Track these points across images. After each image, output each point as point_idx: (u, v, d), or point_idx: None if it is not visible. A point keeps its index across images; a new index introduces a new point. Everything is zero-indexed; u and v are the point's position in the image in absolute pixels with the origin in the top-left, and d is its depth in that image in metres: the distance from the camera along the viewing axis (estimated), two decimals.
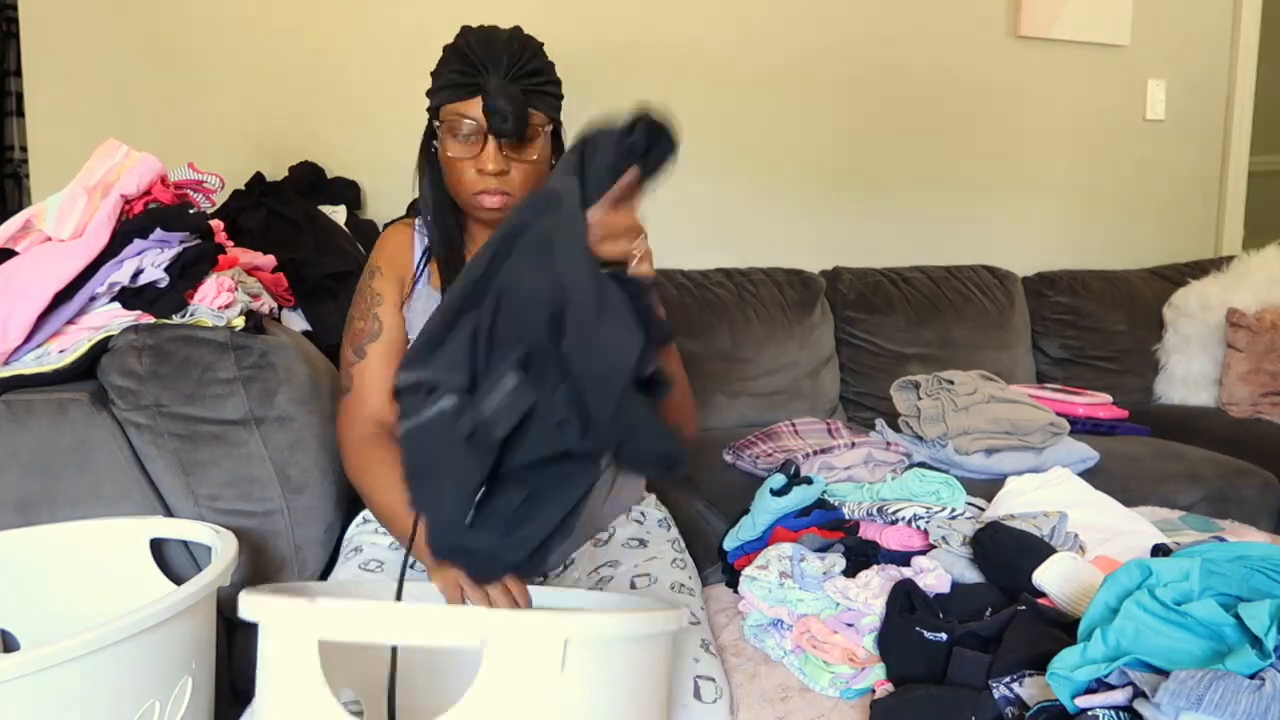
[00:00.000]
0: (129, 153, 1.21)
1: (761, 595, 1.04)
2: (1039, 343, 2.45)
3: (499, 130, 1.01)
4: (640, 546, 1.15)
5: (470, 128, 1.03)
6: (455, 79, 1.03)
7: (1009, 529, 1.01)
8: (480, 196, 1.06)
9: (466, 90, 1.02)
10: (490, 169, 1.04)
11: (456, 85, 1.03)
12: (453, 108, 1.04)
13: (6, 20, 2.67)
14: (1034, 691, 0.76)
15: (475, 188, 1.06)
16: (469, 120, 1.03)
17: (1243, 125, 2.90)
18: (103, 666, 0.80)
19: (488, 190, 1.05)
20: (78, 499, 1.08)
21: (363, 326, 1.13)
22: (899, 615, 0.91)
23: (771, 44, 2.33)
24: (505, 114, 0.99)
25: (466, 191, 1.07)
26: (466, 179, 1.06)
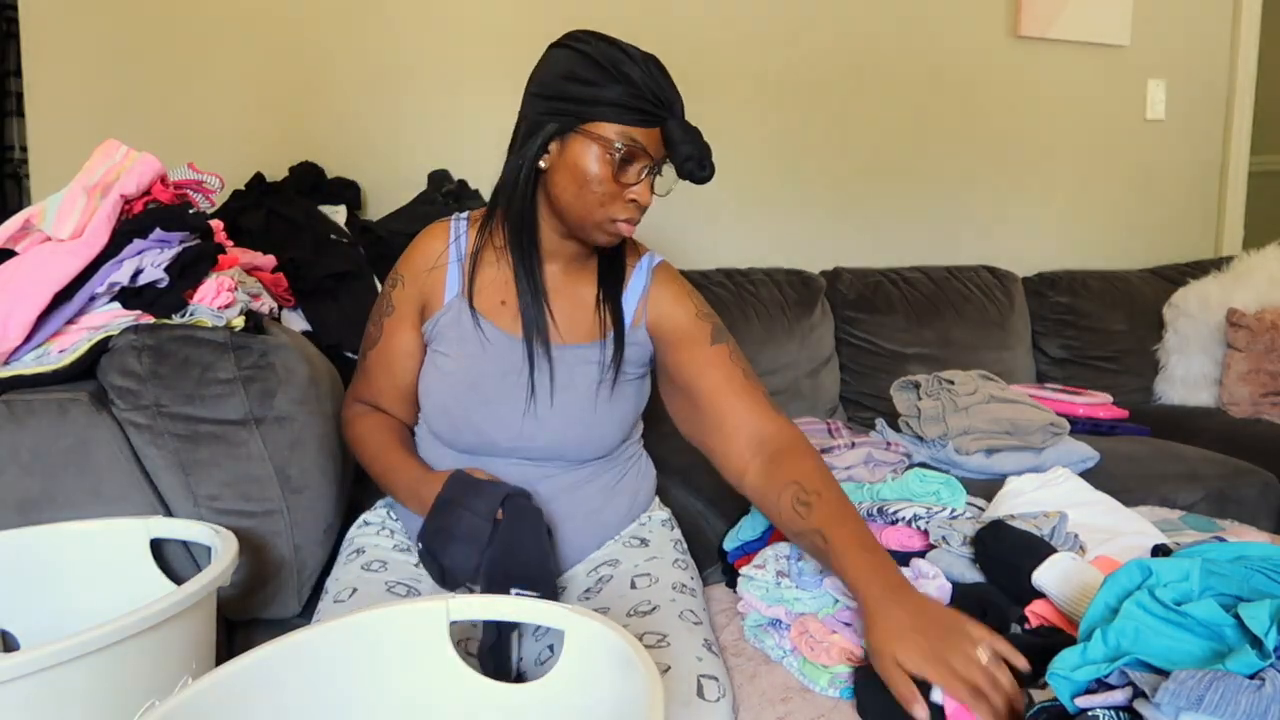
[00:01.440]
0: (129, 153, 1.21)
1: (759, 595, 1.04)
2: (1039, 343, 2.45)
3: (692, 176, 0.98)
4: (642, 546, 1.15)
5: (640, 156, 0.98)
6: (635, 104, 0.95)
7: (1010, 528, 1.02)
8: (620, 224, 1.01)
9: (649, 119, 0.97)
10: (646, 202, 1.00)
11: (637, 110, 0.96)
12: (627, 131, 0.96)
13: (6, 20, 2.67)
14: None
15: (620, 215, 1.00)
16: (642, 148, 0.97)
17: (1243, 125, 2.90)
18: (103, 666, 0.80)
19: (631, 219, 1.01)
20: (78, 499, 1.08)
21: (371, 332, 1.17)
22: None
23: (771, 44, 2.34)
24: (704, 163, 0.97)
25: (603, 215, 1.00)
26: (613, 205, 0.99)
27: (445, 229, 1.14)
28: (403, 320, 1.13)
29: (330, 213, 1.80)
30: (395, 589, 1.04)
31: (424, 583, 1.07)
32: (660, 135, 0.98)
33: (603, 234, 1.03)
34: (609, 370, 1.10)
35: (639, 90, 0.95)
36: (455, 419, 1.09)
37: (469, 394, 1.08)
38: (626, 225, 1.02)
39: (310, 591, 1.22)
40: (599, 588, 1.08)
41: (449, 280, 1.11)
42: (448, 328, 1.10)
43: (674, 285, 1.16)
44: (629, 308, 1.14)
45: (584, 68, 0.97)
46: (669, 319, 1.13)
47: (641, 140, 0.97)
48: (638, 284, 1.15)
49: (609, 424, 1.11)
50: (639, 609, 1.01)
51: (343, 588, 1.05)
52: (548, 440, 1.09)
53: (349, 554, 1.13)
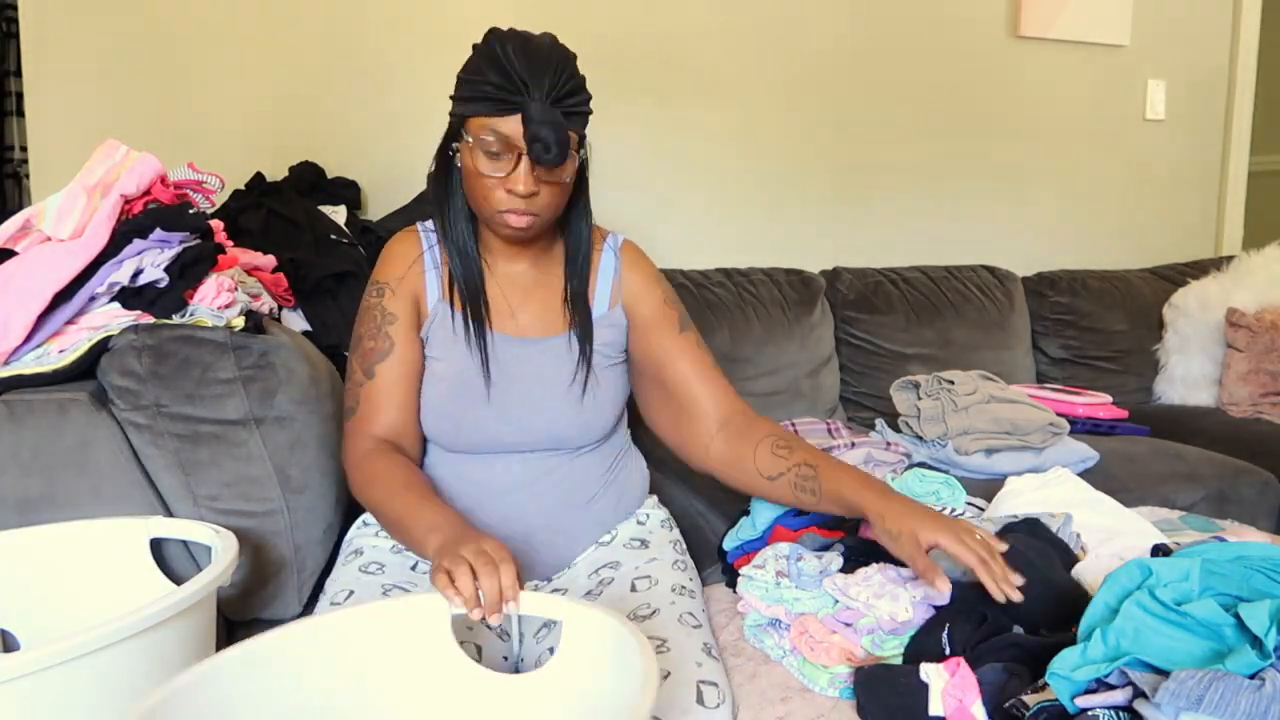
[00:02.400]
0: (128, 153, 1.21)
1: (759, 595, 1.04)
2: (1039, 343, 2.45)
3: (539, 159, 0.96)
4: (642, 547, 1.14)
5: (503, 145, 0.98)
6: (492, 93, 0.96)
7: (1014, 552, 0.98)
8: (507, 215, 1.02)
9: (505, 107, 0.96)
10: (522, 191, 0.99)
11: (493, 100, 0.96)
12: (486, 122, 0.97)
13: (6, 20, 2.67)
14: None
15: (502, 206, 1.01)
16: (504, 138, 0.97)
17: (1243, 125, 2.90)
18: (103, 666, 0.80)
19: (515, 210, 1.01)
20: (78, 499, 1.08)
21: (373, 346, 1.09)
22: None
23: (772, 44, 2.34)
24: (549, 144, 0.95)
25: (491, 208, 1.02)
26: (494, 196, 1.01)
27: (415, 236, 1.15)
28: (408, 326, 1.10)
29: (330, 213, 1.80)
30: (390, 592, 1.04)
31: (420, 586, 1.06)
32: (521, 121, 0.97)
33: (499, 226, 1.04)
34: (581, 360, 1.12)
35: (496, 78, 0.96)
36: (458, 420, 1.09)
37: (465, 393, 1.09)
38: (514, 216, 1.01)
39: (311, 591, 1.22)
40: (600, 590, 1.08)
41: (428, 286, 1.12)
42: (436, 332, 1.11)
43: (643, 267, 1.19)
44: (602, 291, 1.17)
45: (468, 65, 1.00)
46: (641, 302, 1.17)
47: (506, 131, 0.97)
48: (607, 266, 1.18)
49: (597, 408, 1.13)
50: (638, 613, 1.01)
51: (340, 589, 1.04)
52: (545, 429, 1.10)
53: (348, 555, 1.13)
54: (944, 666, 0.82)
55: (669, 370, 1.15)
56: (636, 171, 2.26)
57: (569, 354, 1.13)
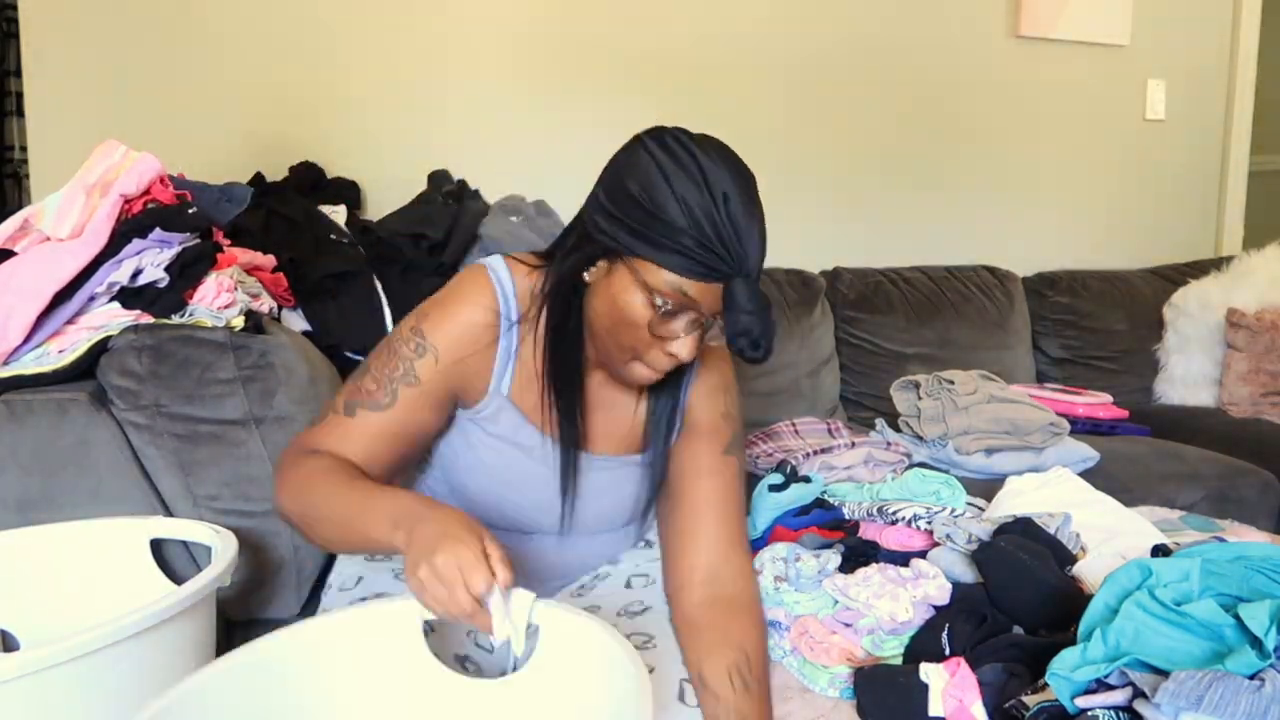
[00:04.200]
0: (127, 152, 1.21)
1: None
2: (1039, 343, 2.44)
3: (743, 353, 0.81)
4: (646, 547, 1.14)
5: (688, 310, 0.82)
6: (699, 254, 0.78)
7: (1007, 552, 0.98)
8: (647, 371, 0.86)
9: (710, 275, 0.79)
10: (686, 359, 0.84)
11: (699, 263, 0.79)
12: (678, 281, 0.79)
13: (6, 20, 2.67)
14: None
15: (654, 364, 0.85)
16: (692, 303, 0.81)
17: (1243, 125, 2.89)
18: (103, 666, 0.80)
19: (663, 370, 0.86)
20: (78, 499, 1.08)
21: (373, 390, 0.90)
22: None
23: (771, 44, 2.33)
24: (757, 341, 0.80)
25: (631, 355, 0.86)
26: (644, 351, 0.85)
27: (489, 292, 0.92)
28: (428, 399, 0.91)
29: (330, 213, 1.80)
30: (402, 576, 1.02)
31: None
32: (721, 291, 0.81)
33: (629, 377, 0.88)
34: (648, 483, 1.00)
35: (708, 239, 0.78)
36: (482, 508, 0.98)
37: (506, 492, 0.98)
38: (656, 375, 0.87)
39: (310, 591, 1.22)
40: (593, 584, 1.07)
41: (497, 368, 0.93)
42: (491, 421, 0.95)
43: (714, 377, 1.02)
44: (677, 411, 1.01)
45: (657, 196, 0.79)
46: (696, 408, 1.01)
47: (694, 294, 0.80)
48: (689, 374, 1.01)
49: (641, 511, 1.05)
50: (630, 609, 1.01)
51: (347, 577, 1.04)
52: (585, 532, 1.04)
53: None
54: (944, 667, 0.82)
55: (687, 484, 0.99)
56: None
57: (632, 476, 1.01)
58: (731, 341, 0.80)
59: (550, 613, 0.79)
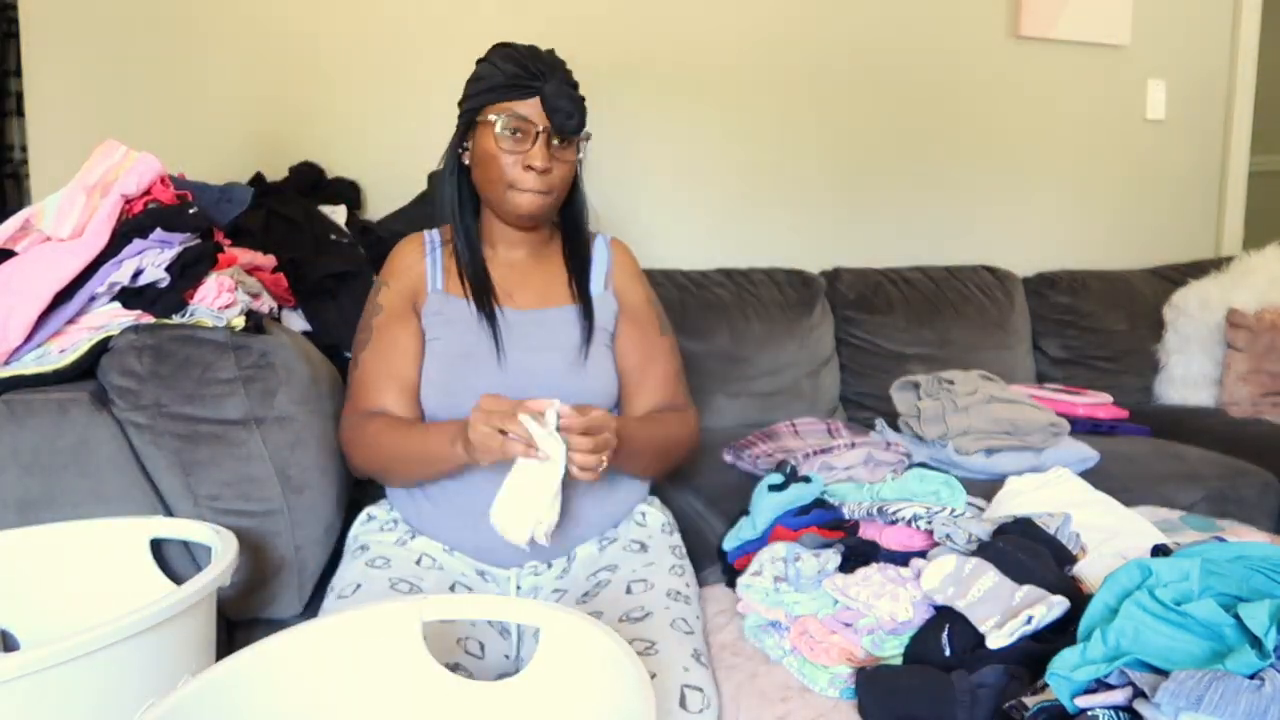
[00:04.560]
0: (127, 153, 1.21)
1: (758, 599, 1.04)
2: (1039, 343, 2.45)
3: (563, 127, 1.09)
4: (640, 550, 1.15)
5: (522, 125, 1.10)
6: (512, 80, 1.09)
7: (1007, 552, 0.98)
8: (523, 195, 1.13)
9: (524, 91, 1.09)
10: (539, 165, 1.10)
11: (512, 86, 1.09)
12: (506, 105, 1.10)
13: (6, 20, 2.67)
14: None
15: (520, 183, 1.12)
16: (523, 118, 1.10)
17: (1243, 125, 2.89)
18: (103, 666, 0.80)
19: (531, 188, 1.12)
20: (78, 499, 1.08)
21: (361, 338, 1.20)
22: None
23: (771, 44, 2.33)
24: (570, 112, 1.09)
25: (505, 186, 1.13)
26: (509, 174, 1.12)
27: (419, 238, 1.27)
28: (392, 316, 1.19)
29: (330, 213, 1.80)
30: (398, 585, 1.04)
31: (425, 580, 1.07)
32: (540, 103, 1.09)
33: (513, 206, 1.14)
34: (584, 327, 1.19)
35: (513, 69, 1.09)
36: (454, 391, 1.12)
37: (464, 363, 1.14)
38: (529, 196, 1.13)
39: (311, 591, 1.22)
40: (596, 592, 1.08)
41: (429, 274, 1.22)
42: (435, 314, 1.19)
43: (630, 261, 1.31)
44: (598, 275, 1.27)
45: (479, 70, 1.14)
46: (628, 293, 1.28)
47: (524, 112, 1.10)
48: (600, 254, 1.29)
49: (596, 374, 1.17)
50: (631, 615, 1.01)
51: (347, 584, 1.05)
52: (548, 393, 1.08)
53: (353, 550, 1.14)
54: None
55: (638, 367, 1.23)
56: (637, 172, 2.26)
57: (567, 325, 1.19)
58: (552, 121, 1.09)
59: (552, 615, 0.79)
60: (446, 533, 1.13)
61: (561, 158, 1.13)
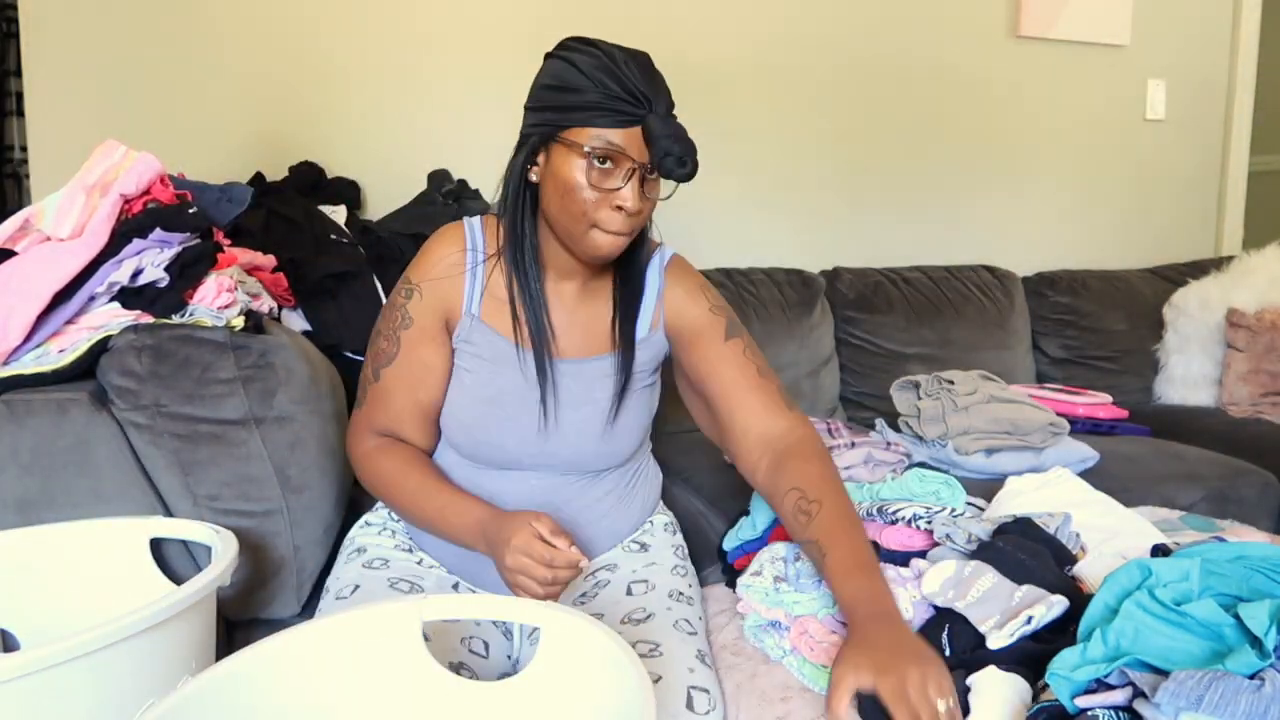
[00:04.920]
0: (127, 152, 1.21)
1: (758, 599, 1.04)
2: (1039, 343, 2.44)
3: (671, 173, 0.94)
4: (641, 551, 1.14)
5: (617, 157, 0.93)
6: (613, 104, 0.91)
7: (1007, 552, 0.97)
8: (604, 234, 0.96)
9: (625, 119, 0.92)
10: (632, 207, 0.94)
11: (612, 111, 0.92)
12: (601, 133, 0.92)
13: (6, 20, 2.66)
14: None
15: (606, 224, 0.95)
16: (619, 149, 0.92)
17: (1243, 125, 2.89)
18: (103, 666, 0.80)
19: (617, 230, 0.95)
20: (78, 499, 1.08)
21: (385, 347, 1.06)
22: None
23: (771, 44, 2.34)
24: (683, 158, 0.93)
25: (588, 225, 0.95)
26: (593, 212, 0.95)
27: (459, 234, 1.06)
28: (424, 333, 1.04)
29: (330, 213, 1.80)
30: (398, 585, 1.03)
31: (426, 580, 1.06)
32: (642, 135, 0.93)
33: (591, 247, 0.97)
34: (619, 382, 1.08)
35: (613, 91, 0.91)
36: (475, 435, 1.05)
37: (489, 409, 1.04)
38: (614, 236, 0.96)
39: (310, 591, 1.22)
40: (594, 592, 1.07)
41: (467, 291, 1.05)
42: (467, 342, 1.06)
43: (687, 281, 1.13)
44: (645, 312, 1.11)
45: (564, 75, 0.94)
46: (683, 317, 1.11)
47: (620, 142, 0.92)
48: (653, 287, 1.12)
49: (625, 433, 1.10)
50: (633, 616, 1.01)
51: (344, 585, 1.04)
52: (569, 454, 1.07)
53: (350, 553, 1.13)
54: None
55: (711, 381, 1.08)
56: None
57: (605, 376, 1.08)
58: (660, 165, 0.94)
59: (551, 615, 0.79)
60: (450, 560, 1.10)
61: (650, 195, 0.98)
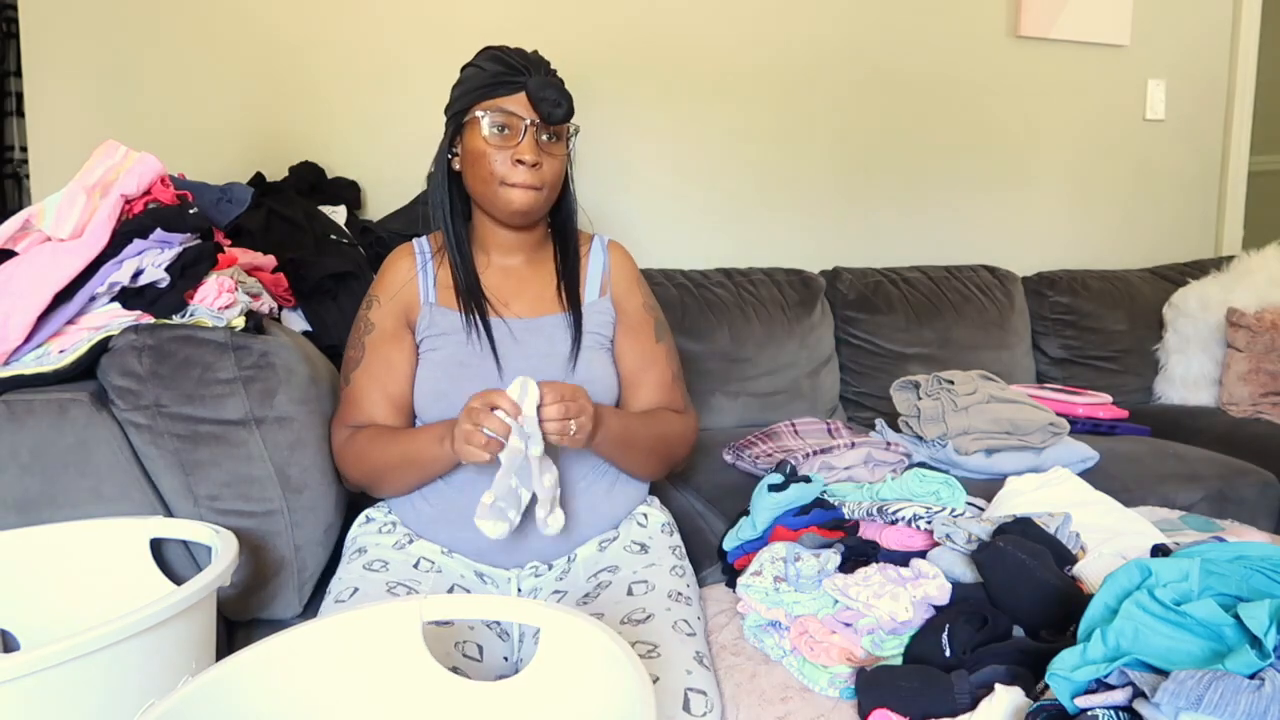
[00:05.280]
0: (128, 153, 1.21)
1: (758, 599, 1.04)
2: (1039, 343, 2.45)
3: (549, 115, 1.09)
4: (641, 551, 1.14)
5: (509, 120, 1.10)
6: (497, 78, 1.10)
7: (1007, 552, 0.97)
8: (514, 190, 1.11)
9: (510, 87, 1.10)
10: (529, 159, 1.10)
11: (498, 83, 1.10)
12: (494, 102, 1.10)
13: (6, 20, 2.67)
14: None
15: (511, 178, 1.11)
16: (510, 113, 1.10)
17: (1243, 125, 2.90)
18: (103, 666, 0.80)
19: (522, 182, 1.11)
20: (78, 499, 1.08)
21: (353, 355, 1.20)
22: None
23: (771, 44, 2.34)
24: (557, 100, 1.08)
25: (497, 182, 1.12)
26: (500, 170, 1.11)
27: (409, 249, 1.25)
28: (385, 335, 1.18)
29: (330, 213, 1.80)
30: (395, 590, 1.04)
31: (423, 584, 1.07)
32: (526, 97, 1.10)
33: (506, 203, 1.12)
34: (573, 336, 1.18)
35: (498, 67, 1.10)
36: (448, 399, 1.12)
37: (457, 370, 1.14)
38: (524, 191, 1.11)
39: (311, 591, 1.22)
40: (597, 593, 1.08)
41: (421, 287, 1.20)
42: (429, 328, 1.18)
43: (628, 266, 1.29)
44: (593, 280, 1.25)
45: (465, 73, 1.14)
46: (624, 299, 1.26)
47: (510, 107, 1.10)
48: (596, 259, 1.27)
49: (589, 383, 1.16)
50: (633, 616, 1.01)
51: (344, 587, 1.05)
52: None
53: (351, 553, 1.14)
54: None
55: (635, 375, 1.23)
56: (637, 172, 2.26)
57: (560, 332, 1.19)
58: (539, 109, 1.09)
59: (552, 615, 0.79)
60: (445, 534, 1.13)
61: (551, 152, 1.13)
